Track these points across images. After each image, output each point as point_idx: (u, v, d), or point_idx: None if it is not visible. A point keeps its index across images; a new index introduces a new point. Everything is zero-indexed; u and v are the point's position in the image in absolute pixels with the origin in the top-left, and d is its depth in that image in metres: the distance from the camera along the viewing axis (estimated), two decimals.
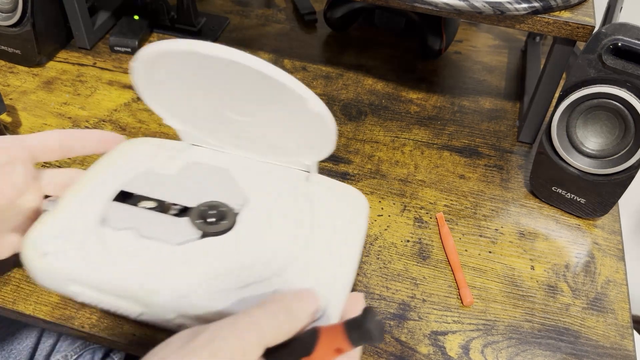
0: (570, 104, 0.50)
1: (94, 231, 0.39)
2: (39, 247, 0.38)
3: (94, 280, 0.37)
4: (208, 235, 0.40)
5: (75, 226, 0.39)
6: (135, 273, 0.37)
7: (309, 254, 0.39)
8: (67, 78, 0.68)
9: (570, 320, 0.46)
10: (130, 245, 0.38)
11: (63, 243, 0.38)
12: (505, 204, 0.55)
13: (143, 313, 0.38)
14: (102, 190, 0.42)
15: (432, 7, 0.51)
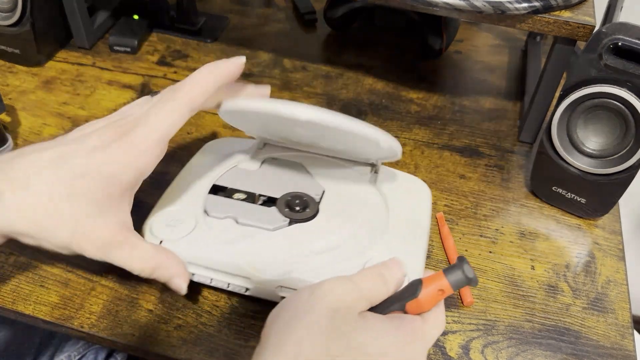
0: (571, 103, 0.50)
1: (200, 220, 0.45)
2: (156, 234, 0.44)
3: (207, 261, 0.43)
4: (296, 221, 0.46)
5: (183, 216, 0.46)
6: (243, 255, 0.43)
7: (386, 236, 0.46)
8: (67, 78, 0.68)
9: (571, 320, 0.46)
10: (232, 231, 0.45)
11: (176, 231, 0.44)
12: (506, 204, 0.55)
13: (249, 289, 0.44)
14: (199, 185, 0.49)
15: (433, 7, 0.51)
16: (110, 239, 0.39)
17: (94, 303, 0.45)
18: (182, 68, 0.70)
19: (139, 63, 0.70)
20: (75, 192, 0.37)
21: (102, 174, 0.37)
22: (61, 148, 0.38)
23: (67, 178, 0.37)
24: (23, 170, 0.37)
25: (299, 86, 0.68)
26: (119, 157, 0.38)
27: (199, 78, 0.41)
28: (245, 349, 0.43)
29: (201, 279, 0.44)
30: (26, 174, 0.37)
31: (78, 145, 0.38)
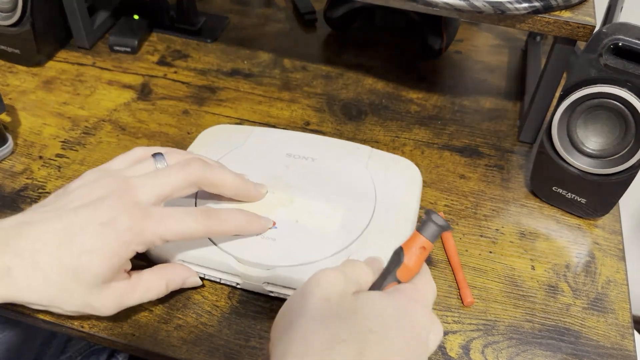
0: (571, 103, 0.50)
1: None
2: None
3: (198, 259, 0.45)
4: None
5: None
6: (230, 250, 0.44)
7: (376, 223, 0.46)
8: (67, 78, 0.68)
9: (571, 320, 0.46)
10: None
11: None
12: (506, 204, 0.55)
13: (239, 283, 0.45)
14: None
15: (433, 7, 0.51)
16: (120, 297, 0.40)
17: None
18: (182, 68, 0.70)
19: (139, 63, 0.70)
20: (82, 267, 0.37)
21: (109, 251, 0.38)
22: (69, 219, 0.38)
23: (74, 254, 0.37)
24: (31, 243, 0.37)
25: (299, 86, 0.68)
26: (127, 238, 0.38)
27: (229, 218, 0.42)
28: (245, 349, 0.43)
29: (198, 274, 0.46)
30: (34, 248, 0.37)
31: (86, 219, 0.38)
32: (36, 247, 0.36)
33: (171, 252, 0.45)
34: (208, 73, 0.69)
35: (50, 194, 0.53)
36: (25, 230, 0.37)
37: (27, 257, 0.36)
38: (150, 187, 0.40)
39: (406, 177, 0.51)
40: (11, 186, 0.54)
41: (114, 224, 0.37)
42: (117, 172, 0.42)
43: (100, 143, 0.59)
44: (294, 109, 0.65)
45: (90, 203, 0.38)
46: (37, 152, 0.58)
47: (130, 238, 0.38)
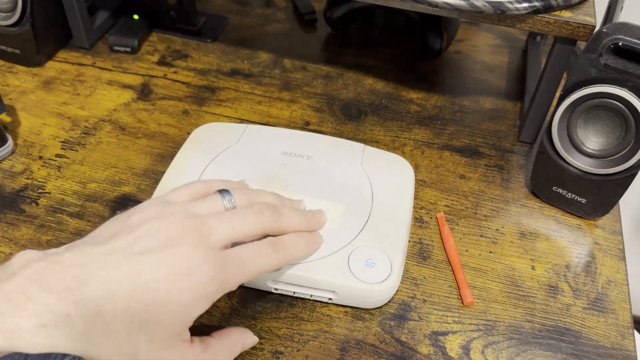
0: (571, 103, 0.49)
1: None
2: None
3: None
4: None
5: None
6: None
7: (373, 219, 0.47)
8: (67, 78, 0.68)
9: (571, 320, 0.46)
10: None
11: None
12: (506, 204, 0.55)
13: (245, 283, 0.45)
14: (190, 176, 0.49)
15: (433, 7, 0.51)
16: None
17: None
18: (182, 68, 0.70)
19: (139, 63, 0.70)
20: (153, 320, 0.32)
21: (188, 304, 0.33)
22: (140, 266, 0.33)
23: (145, 305, 0.32)
24: (93, 290, 0.31)
25: (299, 86, 0.68)
26: (211, 289, 0.34)
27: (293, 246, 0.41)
28: None
29: None
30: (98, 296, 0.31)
31: (160, 267, 0.33)
32: (100, 296, 0.31)
33: None
34: (208, 73, 0.69)
35: (50, 193, 0.53)
36: (85, 275, 0.32)
37: (88, 306, 0.31)
38: (224, 231, 0.36)
39: (400, 174, 0.52)
40: (11, 186, 0.54)
41: (194, 275, 0.33)
42: (184, 207, 0.37)
43: (100, 143, 0.59)
44: (294, 109, 0.65)
45: (162, 247, 0.34)
46: (37, 152, 0.58)
47: (214, 289, 0.34)
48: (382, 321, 0.45)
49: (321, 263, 0.44)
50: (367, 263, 0.44)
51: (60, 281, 0.31)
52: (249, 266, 0.36)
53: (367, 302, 0.45)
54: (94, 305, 0.31)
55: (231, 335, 0.40)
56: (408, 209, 0.49)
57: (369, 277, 0.43)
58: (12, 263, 0.32)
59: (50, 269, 0.31)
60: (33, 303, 0.30)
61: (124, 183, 0.55)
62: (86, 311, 0.31)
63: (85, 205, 0.53)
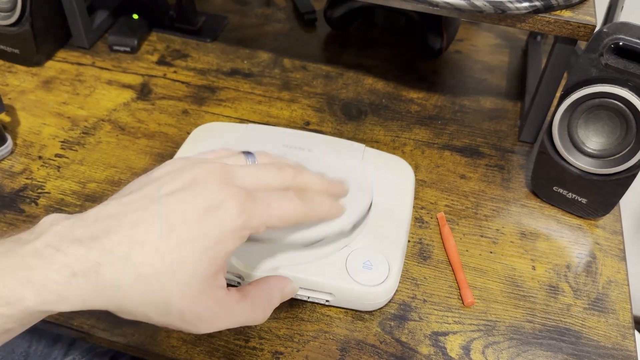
0: (572, 103, 0.49)
1: None
2: None
3: None
4: None
5: None
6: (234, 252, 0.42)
7: (372, 220, 0.47)
8: (66, 77, 0.67)
9: (572, 320, 0.46)
10: None
11: None
12: (506, 204, 0.55)
13: (241, 283, 0.45)
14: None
15: (433, 6, 0.51)
16: (220, 308, 0.33)
17: None
18: (181, 68, 0.70)
19: (138, 63, 0.70)
20: (183, 260, 0.31)
21: (216, 240, 0.32)
22: (165, 207, 0.32)
23: (174, 245, 0.31)
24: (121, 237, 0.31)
25: (298, 86, 0.68)
26: (238, 224, 0.33)
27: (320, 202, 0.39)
28: (245, 349, 0.43)
29: None
30: (126, 241, 0.31)
31: (186, 204, 0.32)
32: (128, 240, 0.31)
33: None
34: (208, 73, 0.69)
35: (49, 193, 0.53)
36: (113, 223, 0.31)
37: (117, 252, 0.30)
38: (250, 177, 0.36)
39: (400, 176, 0.52)
40: (10, 186, 0.54)
41: (221, 210, 0.32)
42: (207, 159, 0.37)
43: (99, 143, 0.59)
44: (294, 109, 0.65)
45: (187, 187, 0.33)
46: (37, 152, 0.58)
47: (240, 224, 0.33)
48: (382, 321, 0.45)
49: (319, 265, 0.44)
50: (365, 265, 0.44)
51: (89, 232, 0.31)
52: (274, 209, 0.35)
53: (364, 305, 0.45)
54: (123, 250, 0.30)
55: (270, 283, 0.38)
56: (408, 211, 0.49)
57: (367, 279, 0.43)
58: (40, 224, 0.32)
59: (78, 224, 0.32)
60: (63, 254, 0.30)
61: (124, 183, 0.55)
62: (115, 258, 0.30)
63: (84, 205, 0.52)
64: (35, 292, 0.29)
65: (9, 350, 0.55)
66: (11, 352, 0.55)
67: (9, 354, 0.55)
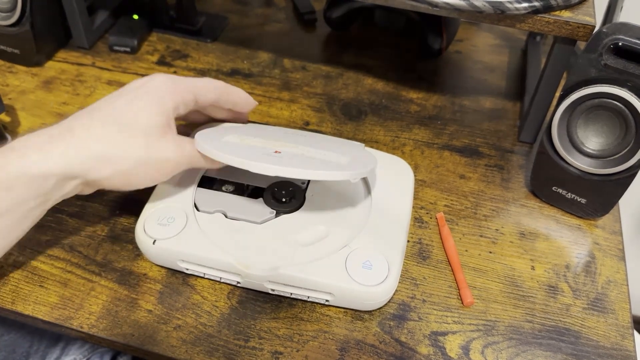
0: (571, 103, 0.49)
1: (190, 216, 0.46)
2: (149, 234, 0.45)
3: (199, 259, 0.45)
4: (283, 213, 0.48)
5: (174, 213, 0.46)
6: (232, 251, 0.44)
7: (372, 220, 0.47)
8: (66, 78, 0.67)
9: (571, 320, 0.46)
10: (221, 226, 0.46)
11: (168, 230, 0.45)
12: (506, 204, 0.55)
13: (240, 282, 0.45)
14: (189, 177, 0.49)
15: (432, 7, 0.51)
16: (178, 140, 0.45)
17: (93, 303, 0.45)
18: (181, 68, 0.70)
19: (138, 63, 0.70)
20: (137, 118, 0.43)
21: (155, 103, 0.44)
22: (118, 99, 0.44)
23: (128, 114, 0.43)
24: (88, 111, 0.43)
25: (298, 86, 0.68)
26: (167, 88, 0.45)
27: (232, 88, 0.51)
28: (245, 349, 0.43)
29: (194, 273, 0.46)
30: (92, 109, 0.43)
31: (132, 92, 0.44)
32: (94, 109, 0.43)
33: (173, 254, 0.45)
34: (208, 73, 0.69)
35: None
36: (83, 111, 0.44)
37: (85, 117, 0.42)
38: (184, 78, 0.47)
39: (399, 176, 0.52)
40: None
41: (152, 79, 0.45)
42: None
43: None
44: (294, 109, 0.65)
45: (134, 88, 0.45)
46: None
47: (171, 83, 0.45)
48: (381, 321, 0.45)
49: (319, 264, 0.44)
50: (365, 265, 0.44)
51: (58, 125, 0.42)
52: (198, 81, 0.47)
53: (364, 304, 0.45)
54: (89, 122, 0.42)
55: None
56: (407, 211, 0.49)
57: (366, 279, 0.43)
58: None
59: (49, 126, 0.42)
60: (40, 132, 0.41)
61: None
62: (85, 125, 0.41)
63: (85, 205, 0.53)
64: (19, 154, 0.39)
65: (10, 350, 0.55)
66: (12, 352, 0.55)
67: (10, 354, 0.55)
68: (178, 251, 0.45)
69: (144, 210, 0.47)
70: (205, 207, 0.47)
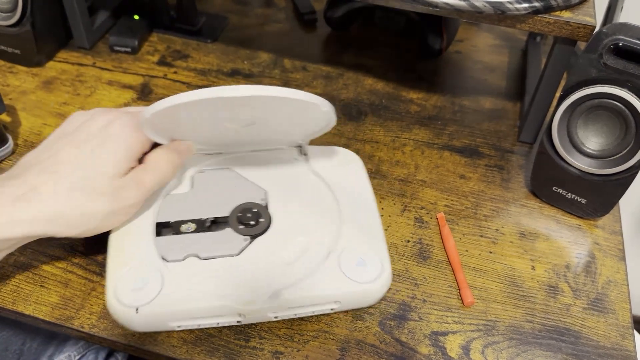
0: (571, 104, 0.50)
1: (163, 271, 0.42)
2: (127, 303, 0.40)
3: (191, 311, 0.41)
4: (256, 236, 0.45)
5: (144, 273, 0.42)
6: (223, 291, 0.41)
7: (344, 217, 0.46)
8: (67, 78, 0.68)
9: (571, 320, 0.46)
10: (199, 270, 0.42)
11: (146, 293, 0.41)
12: (506, 204, 0.55)
13: (241, 320, 0.42)
14: (142, 229, 0.45)
15: (433, 7, 0.51)
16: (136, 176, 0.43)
17: (94, 303, 0.45)
18: (182, 68, 0.70)
19: (139, 63, 0.70)
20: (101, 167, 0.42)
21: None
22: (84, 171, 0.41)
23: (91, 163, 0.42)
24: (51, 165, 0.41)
25: (299, 86, 0.68)
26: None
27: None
28: (245, 349, 0.43)
29: (189, 327, 0.43)
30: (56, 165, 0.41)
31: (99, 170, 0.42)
32: (57, 164, 0.41)
33: (162, 316, 0.41)
34: (208, 73, 0.69)
35: None
36: (43, 162, 0.42)
37: (49, 173, 0.40)
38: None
39: (350, 165, 0.51)
40: None
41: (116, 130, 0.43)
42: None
43: None
44: None
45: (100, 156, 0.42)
46: None
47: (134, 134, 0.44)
48: (382, 321, 0.45)
49: (316, 277, 0.42)
50: (359, 263, 0.43)
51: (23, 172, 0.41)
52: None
53: (367, 302, 0.45)
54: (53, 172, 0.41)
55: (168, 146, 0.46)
56: (371, 197, 0.49)
57: (365, 276, 0.43)
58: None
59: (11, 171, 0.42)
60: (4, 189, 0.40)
61: None
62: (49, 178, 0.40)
63: None
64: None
65: (2, 348, 0.55)
66: (5, 350, 0.55)
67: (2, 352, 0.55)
68: (168, 312, 0.41)
69: (108, 281, 0.42)
70: (174, 256, 0.43)
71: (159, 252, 0.43)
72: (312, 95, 0.42)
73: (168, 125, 0.44)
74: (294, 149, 0.52)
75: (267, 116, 0.45)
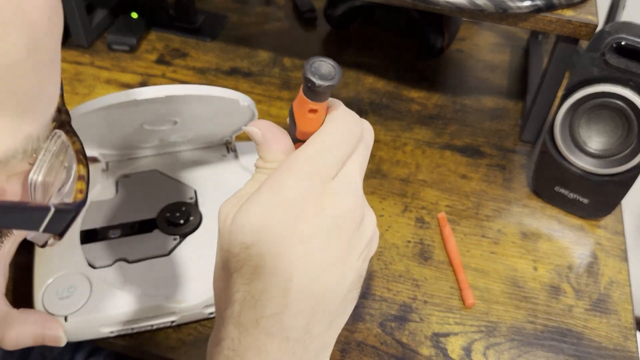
0: (574, 103, 0.49)
1: (91, 277, 0.41)
2: (56, 312, 0.40)
3: (124, 316, 0.40)
4: (186, 235, 0.44)
5: (71, 281, 0.41)
6: (155, 293, 0.41)
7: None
8: (65, 77, 0.67)
9: (573, 321, 0.46)
10: (129, 273, 0.42)
11: (74, 300, 0.40)
12: (508, 204, 0.55)
13: (175, 320, 0.42)
14: (66, 238, 0.42)
15: (434, 6, 0.51)
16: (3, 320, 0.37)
17: None
18: (181, 67, 0.69)
19: (137, 62, 0.70)
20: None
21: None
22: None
23: None
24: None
25: (299, 85, 0.68)
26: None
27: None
28: None
29: (122, 332, 0.42)
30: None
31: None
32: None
33: (93, 322, 0.40)
34: (207, 72, 0.69)
35: None
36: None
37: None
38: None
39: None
40: None
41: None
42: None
43: None
44: None
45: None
46: None
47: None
48: (382, 322, 0.45)
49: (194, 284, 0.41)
50: None
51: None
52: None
53: None
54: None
55: (32, 317, 0.38)
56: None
57: None
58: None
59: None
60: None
61: None
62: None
63: None
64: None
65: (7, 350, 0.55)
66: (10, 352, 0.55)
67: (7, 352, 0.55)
68: (97, 318, 0.40)
69: (35, 292, 0.41)
70: (101, 262, 0.43)
71: (85, 260, 0.43)
72: (230, 90, 0.41)
73: (89, 131, 0.43)
74: (222, 147, 0.52)
75: (189, 115, 0.44)
